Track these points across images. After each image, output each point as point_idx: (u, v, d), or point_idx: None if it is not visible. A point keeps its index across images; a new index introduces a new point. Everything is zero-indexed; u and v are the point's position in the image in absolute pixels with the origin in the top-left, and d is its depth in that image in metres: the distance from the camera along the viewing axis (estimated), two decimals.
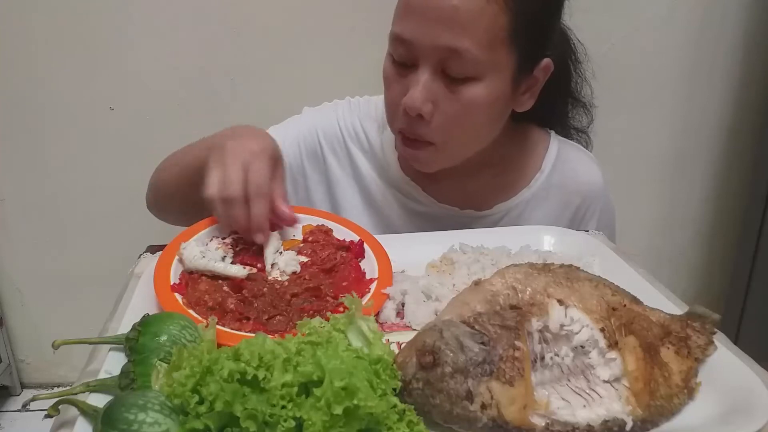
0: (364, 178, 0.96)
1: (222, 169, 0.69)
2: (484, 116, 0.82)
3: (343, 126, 0.97)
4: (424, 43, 0.75)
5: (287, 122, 0.99)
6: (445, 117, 0.79)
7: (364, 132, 0.97)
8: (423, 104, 0.77)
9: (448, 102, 0.78)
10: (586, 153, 1.01)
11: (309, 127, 0.97)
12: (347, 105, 0.99)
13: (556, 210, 0.95)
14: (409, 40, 0.76)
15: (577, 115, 1.02)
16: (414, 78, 0.77)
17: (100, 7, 1.55)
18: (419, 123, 0.79)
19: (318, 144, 0.96)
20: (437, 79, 0.77)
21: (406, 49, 0.77)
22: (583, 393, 0.50)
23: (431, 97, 0.77)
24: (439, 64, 0.76)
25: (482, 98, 0.78)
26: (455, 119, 0.79)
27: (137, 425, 0.43)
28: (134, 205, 1.75)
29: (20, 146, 1.69)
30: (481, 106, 0.79)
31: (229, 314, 0.62)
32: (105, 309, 0.66)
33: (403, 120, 0.81)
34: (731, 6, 1.68)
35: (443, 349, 0.48)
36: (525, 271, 0.57)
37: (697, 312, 0.58)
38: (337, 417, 0.42)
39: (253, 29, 1.59)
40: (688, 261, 1.98)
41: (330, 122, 0.97)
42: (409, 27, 0.76)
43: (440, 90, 0.77)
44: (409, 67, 0.78)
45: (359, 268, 0.71)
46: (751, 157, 1.80)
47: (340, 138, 0.97)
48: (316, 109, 1.01)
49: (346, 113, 0.98)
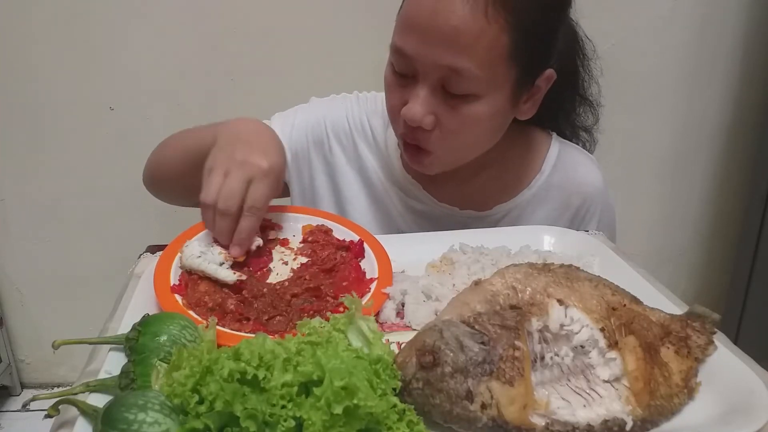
0: (368, 171, 0.97)
1: (225, 178, 0.69)
2: (484, 129, 0.82)
3: (350, 119, 0.97)
4: (424, 61, 0.76)
5: (295, 110, 0.99)
6: (445, 130, 0.79)
7: (370, 127, 0.97)
8: (423, 117, 0.78)
9: (447, 117, 0.78)
10: (586, 154, 1.01)
11: (317, 117, 0.97)
12: (355, 99, 1.00)
13: (556, 211, 0.95)
14: (410, 56, 0.76)
15: (583, 113, 1.02)
16: (413, 91, 0.78)
17: (100, 7, 1.55)
18: (420, 132, 0.80)
19: (325, 134, 0.97)
20: (437, 95, 0.77)
21: (406, 63, 0.78)
22: (583, 393, 0.50)
23: (431, 111, 0.78)
24: (438, 81, 0.76)
25: (482, 114, 0.78)
26: (455, 133, 0.80)
27: (137, 425, 0.43)
28: (134, 205, 1.75)
29: (20, 146, 1.69)
30: (482, 121, 0.80)
31: (229, 315, 0.62)
32: (105, 309, 0.66)
33: (404, 127, 0.81)
34: (731, 6, 1.68)
35: (443, 349, 0.48)
36: (525, 271, 0.57)
37: (697, 312, 0.58)
38: (337, 417, 0.42)
39: (253, 29, 1.59)
40: (688, 261, 1.98)
41: (338, 114, 0.98)
42: (410, 43, 0.76)
43: (440, 105, 0.78)
44: (409, 77, 0.79)
45: (359, 268, 0.71)
46: (751, 157, 1.80)
47: (348, 130, 0.97)
48: (324, 101, 1.01)
49: (354, 107, 0.98)
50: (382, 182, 0.96)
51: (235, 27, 1.59)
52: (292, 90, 1.59)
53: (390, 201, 0.96)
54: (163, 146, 0.94)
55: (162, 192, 0.97)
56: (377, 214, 0.96)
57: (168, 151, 0.92)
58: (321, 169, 0.97)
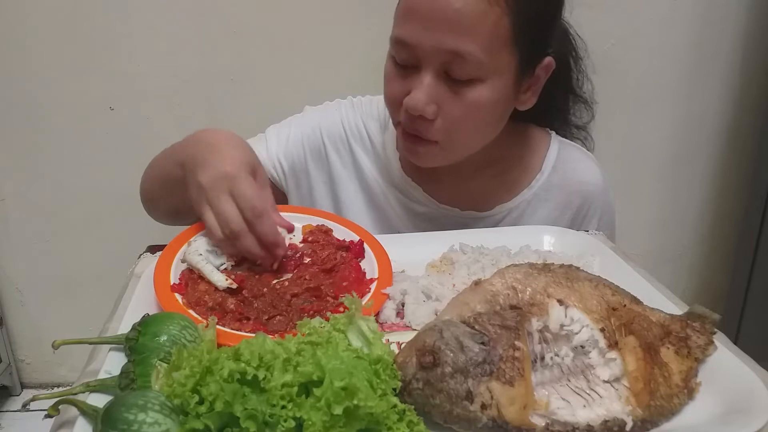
0: (366, 177, 0.96)
1: (211, 210, 0.68)
2: (487, 116, 0.82)
3: (346, 125, 0.97)
4: (427, 47, 0.75)
5: (289, 121, 0.99)
6: (448, 118, 0.79)
7: (366, 131, 0.97)
8: (426, 106, 0.77)
9: (451, 104, 0.78)
10: (586, 153, 1.01)
11: (312, 126, 0.97)
12: (350, 104, 0.99)
13: (556, 210, 0.95)
14: (412, 44, 0.76)
15: (578, 111, 1.02)
16: (416, 79, 0.78)
17: (100, 7, 1.55)
18: (422, 122, 0.80)
19: (321, 143, 0.97)
20: (440, 81, 0.77)
21: (408, 52, 0.77)
22: (583, 393, 0.50)
23: (434, 99, 0.78)
24: (442, 67, 0.76)
25: (485, 99, 0.78)
26: (459, 120, 0.80)
27: (137, 425, 0.43)
28: (134, 205, 1.75)
29: (20, 146, 1.69)
30: (485, 107, 0.80)
31: (229, 314, 0.62)
32: (105, 309, 0.66)
33: (405, 117, 0.81)
34: (731, 6, 1.68)
35: (443, 349, 0.48)
36: (525, 271, 0.57)
37: (696, 312, 0.59)
38: (337, 417, 0.42)
39: (252, 30, 1.59)
40: (688, 261, 1.98)
41: (333, 121, 0.97)
42: (412, 31, 0.76)
43: (443, 92, 0.77)
44: (410, 68, 0.79)
45: (359, 268, 0.71)
46: (750, 157, 1.80)
47: (344, 137, 0.97)
48: (318, 108, 1.01)
49: (349, 112, 0.98)
50: (380, 185, 0.96)
51: (235, 27, 1.59)
52: (291, 90, 1.60)
53: (388, 204, 0.96)
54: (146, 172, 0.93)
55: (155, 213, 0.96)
56: (375, 218, 0.96)
57: (148, 179, 0.92)
58: (319, 178, 0.97)
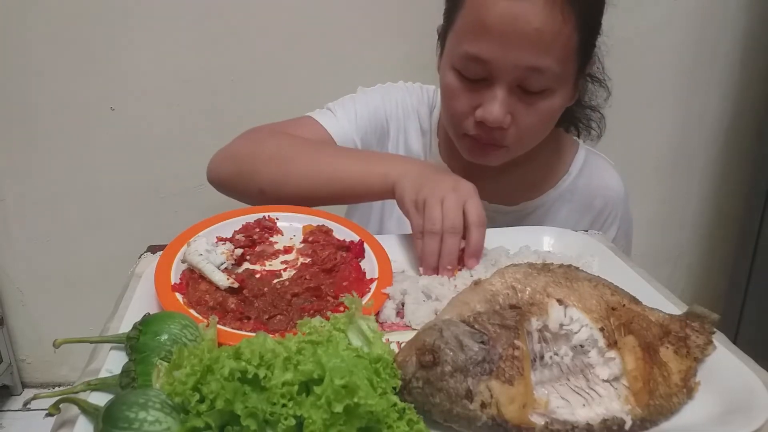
0: (413, 155, 1.02)
1: (442, 206, 0.71)
2: (553, 120, 0.88)
3: (402, 106, 1.02)
4: (504, 64, 0.78)
5: (351, 98, 1.02)
6: (521, 126, 0.84)
7: (417, 114, 1.02)
8: (504, 117, 0.81)
9: (525, 113, 0.82)
10: (610, 163, 1.06)
11: (375, 105, 1.02)
12: (404, 87, 1.05)
13: (578, 211, 0.99)
14: (488, 60, 0.79)
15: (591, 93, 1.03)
16: (489, 93, 0.81)
17: (100, 7, 1.55)
18: (497, 131, 0.84)
19: (385, 120, 1.01)
20: (513, 94, 0.81)
21: (481, 68, 0.80)
22: (583, 392, 0.51)
23: (509, 110, 0.82)
24: (516, 81, 0.80)
25: (555, 107, 0.84)
26: (531, 127, 0.85)
27: (138, 423, 0.43)
28: (134, 205, 1.75)
29: (20, 146, 1.69)
30: (555, 113, 0.86)
31: (230, 314, 0.62)
32: (105, 309, 0.66)
33: (476, 128, 0.85)
34: (731, 6, 1.68)
35: (443, 348, 0.48)
36: (524, 271, 0.57)
37: (696, 312, 0.59)
38: (337, 415, 0.42)
39: (253, 29, 1.59)
40: (687, 261, 1.98)
41: (393, 101, 1.02)
42: (488, 48, 0.78)
43: (515, 102, 0.82)
44: (479, 81, 0.82)
45: (359, 268, 0.71)
46: (750, 157, 1.80)
47: (400, 117, 1.02)
48: (375, 89, 1.05)
49: (405, 95, 1.03)
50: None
51: (236, 27, 1.59)
52: (292, 90, 1.60)
53: None
54: (277, 160, 0.88)
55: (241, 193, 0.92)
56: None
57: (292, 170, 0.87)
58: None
